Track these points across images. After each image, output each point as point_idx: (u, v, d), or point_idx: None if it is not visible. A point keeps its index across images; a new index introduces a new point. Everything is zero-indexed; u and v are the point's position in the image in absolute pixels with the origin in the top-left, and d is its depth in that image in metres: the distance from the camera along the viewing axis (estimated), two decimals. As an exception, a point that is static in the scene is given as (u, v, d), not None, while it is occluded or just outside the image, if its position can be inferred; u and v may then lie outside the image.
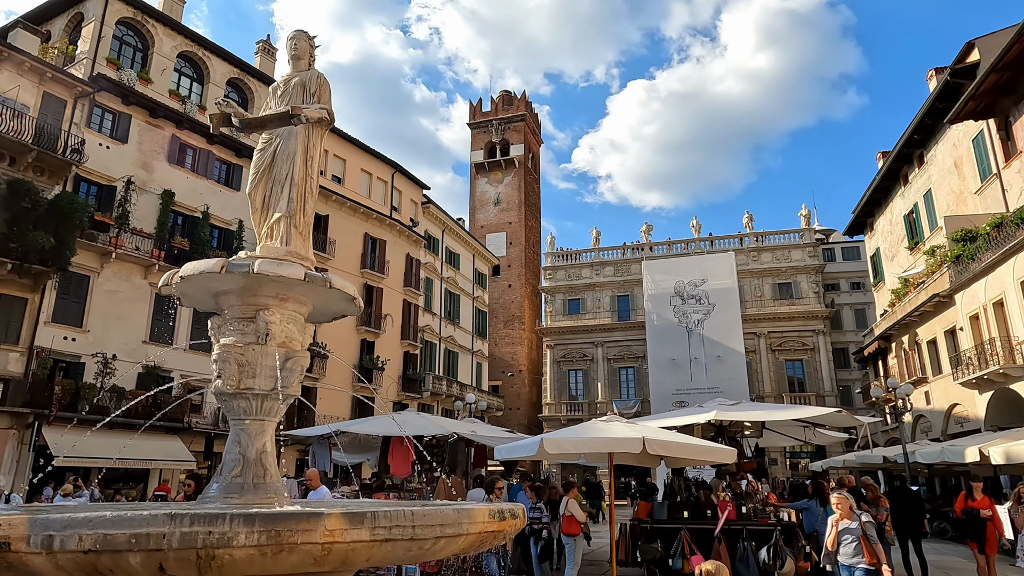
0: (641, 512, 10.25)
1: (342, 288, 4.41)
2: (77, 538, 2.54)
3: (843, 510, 6.43)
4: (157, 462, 22.59)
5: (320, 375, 29.87)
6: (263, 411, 4.32)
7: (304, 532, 2.75)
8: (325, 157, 33.00)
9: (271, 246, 4.62)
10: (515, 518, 3.76)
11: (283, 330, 4.36)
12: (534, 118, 64.48)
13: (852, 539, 6.31)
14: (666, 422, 10.80)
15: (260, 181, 4.77)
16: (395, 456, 11.45)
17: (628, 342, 46.85)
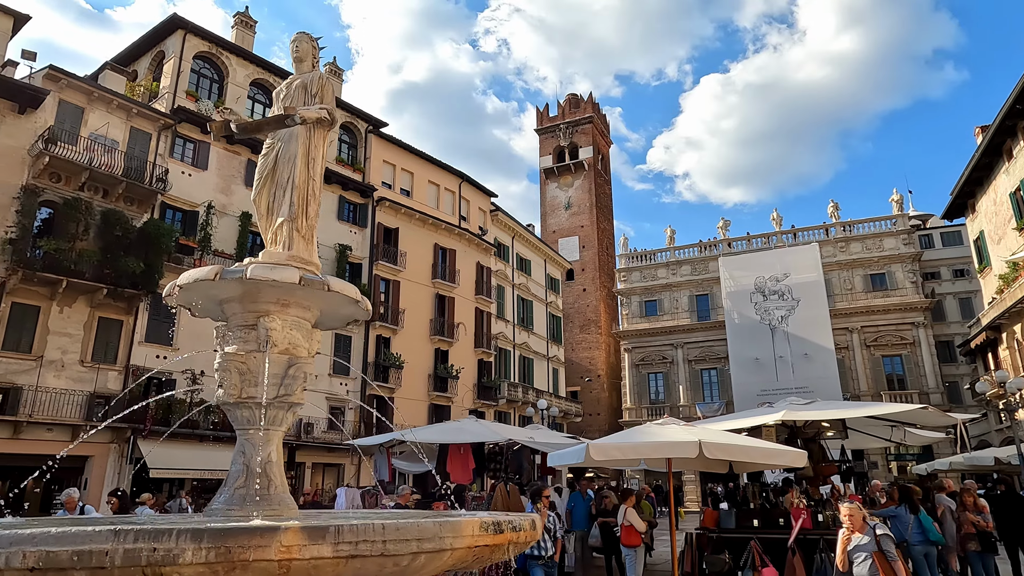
0: (708, 521, 9.62)
1: (341, 291, 4.25)
2: (21, 555, 2.44)
3: (854, 523, 5.61)
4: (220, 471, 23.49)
5: (397, 385, 30.37)
6: (267, 420, 4.21)
7: (257, 548, 2.56)
8: (393, 171, 33.73)
9: (273, 251, 4.53)
10: (518, 531, 3.46)
11: (286, 336, 4.25)
12: (602, 119, 63.69)
13: (865, 556, 5.48)
14: (732, 424, 10.12)
15: (264, 186, 4.71)
16: (454, 464, 11.32)
17: (709, 342, 45.23)
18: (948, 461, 22.96)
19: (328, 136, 4.88)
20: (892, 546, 5.45)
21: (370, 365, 29.66)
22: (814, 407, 9.87)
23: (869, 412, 9.93)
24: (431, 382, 32.43)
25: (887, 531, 5.55)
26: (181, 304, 4.49)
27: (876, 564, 5.30)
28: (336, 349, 28.78)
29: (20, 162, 21.09)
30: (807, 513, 8.55)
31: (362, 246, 30.99)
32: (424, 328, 32.86)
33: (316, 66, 5.05)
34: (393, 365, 30.21)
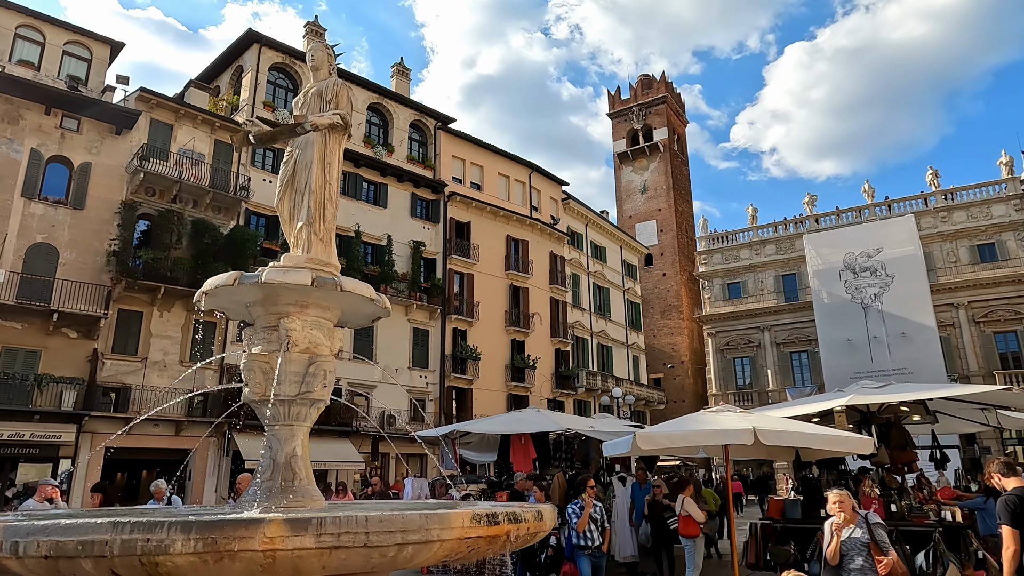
0: (773, 511, 9.23)
1: (354, 290, 4.39)
2: (36, 544, 2.71)
3: (845, 512, 5.00)
4: (330, 463, 24.63)
5: (474, 376, 30.88)
6: (291, 416, 4.42)
7: (242, 540, 2.72)
8: (463, 165, 34.15)
9: (293, 255, 4.74)
10: (518, 522, 3.48)
11: (306, 336, 4.44)
12: (676, 98, 61.92)
13: (860, 549, 4.91)
14: (796, 411, 9.65)
15: (285, 193, 4.92)
16: (516, 454, 11.42)
17: (798, 324, 43.24)
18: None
19: (343, 142, 5.03)
20: (886, 536, 5.01)
21: (447, 358, 30.29)
22: (887, 390, 9.22)
23: (941, 394, 9.18)
24: (508, 373, 32.76)
25: (880, 520, 5.10)
26: (213, 308, 4.76)
27: (871, 557, 4.86)
28: (414, 343, 29.58)
29: (119, 179, 22.87)
30: (879, 503, 8.06)
31: (435, 241, 31.62)
32: (499, 319, 33.19)
33: (332, 73, 5.21)
34: (470, 357, 30.72)
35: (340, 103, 4.96)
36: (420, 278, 30.34)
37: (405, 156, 31.73)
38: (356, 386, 27.27)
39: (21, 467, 20.28)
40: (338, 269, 4.89)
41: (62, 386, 20.04)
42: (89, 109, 22.46)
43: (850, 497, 5.09)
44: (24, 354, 20.11)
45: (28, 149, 21.30)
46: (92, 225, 21.98)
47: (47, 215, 21.31)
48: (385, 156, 30.60)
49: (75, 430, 20.14)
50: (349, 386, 27.00)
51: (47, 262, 20.93)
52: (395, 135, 31.72)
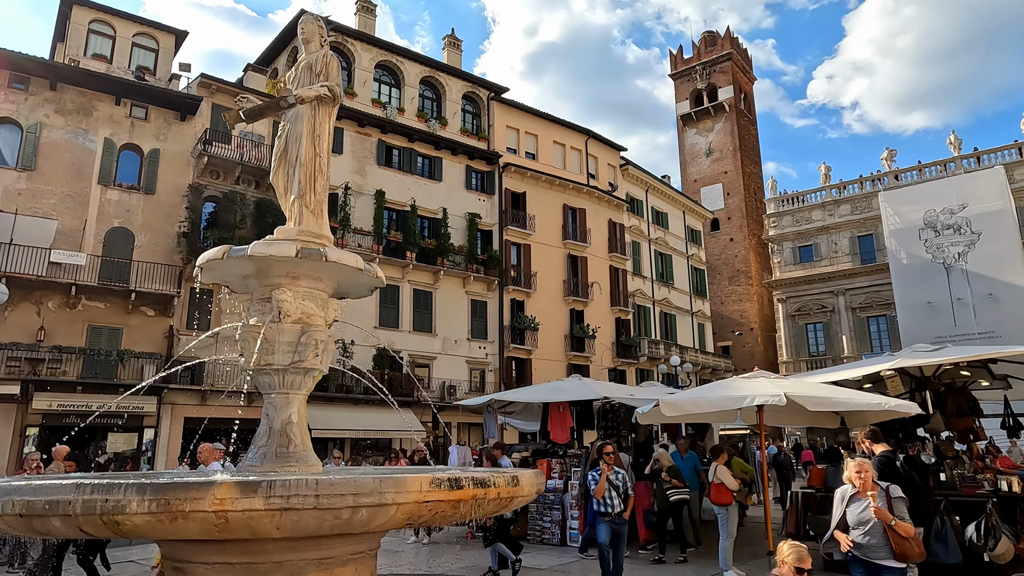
0: (814, 479, 8.86)
1: (339, 261, 4.45)
2: (11, 503, 2.90)
3: (864, 482, 4.59)
4: (393, 432, 25.42)
5: (533, 346, 31.01)
6: (285, 385, 4.55)
7: (193, 501, 2.83)
8: (517, 136, 33.89)
9: (285, 228, 4.83)
10: (486, 486, 3.48)
11: (298, 307, 4.53)
12: (743, 54, 59.14)
13: (873, 523, 4.53)
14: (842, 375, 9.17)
15: (279, 167, 5.00)
16: (554, 423, 11.43)
17: (876, 287, 41.18)
18: None
19: (333, 114, 5.05)
20: (904, 508, 4.63)
21: (505, 329, 30.51)
22: (941, 352, 8.60)
23: (997, 353, 8.46)
24: (568, 342, 32.72)
25: (901, 494, 4.71)
26: (214, 282, 4.93)
27: (887, 532, 4.50)
28: (472, 314, 29.92)
29: (185, 164, 23.95)
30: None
31: (491, 213, 31.68)
32: (557, 289, 33.09)
33: (324, 46, 5.22)
34: (528, 327, 30.84)
35: (330, 75, 4.97)
36: (476, 250, 30.53)
37: (458, 128, 31.77)
38: (417, 358, 27.92)
39: (111, 436, 21.97)
40: (331, 241, 4.95)
41: (142, 360, 21.43)
42: (155, 97, 23.52)
43: (871, 467, 4.79)
44: (108, 332, 21.58)
45: (102, 139, 22.56)
46: (163, 209, 23.16)
47: (122, 201, 22.59)
48: (439, 129, 30.73)
49: (156, 402, 21.53)
50: (410, 358, 27.69)
51: (124, 245, 22.26)
52: (448, 108, 31.76)
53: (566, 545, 10.25)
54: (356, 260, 4.58)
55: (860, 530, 4.65)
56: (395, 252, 27.85)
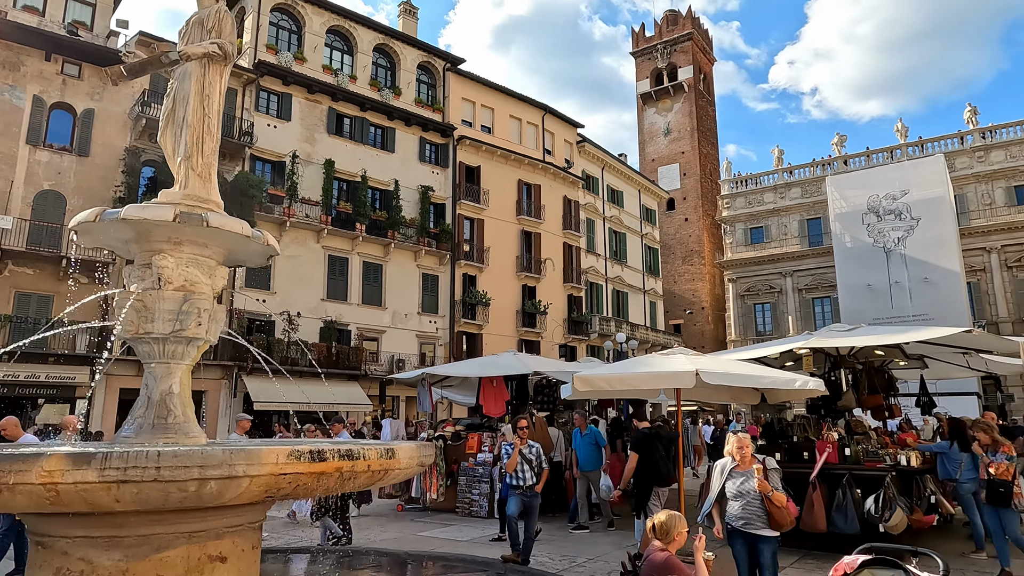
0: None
1: (221, 226, 4.28)
2: None
3: (744, 456, 4.74)
4: (339, 405, 25.20)
5: (484, 321, 31.00)
6: (166, 354, 4.39)
7: (18, 473, 2.70)
8: (473, 108, 33.46)
9: (170, 191, 4.63)
10: (354, 459, 3.42)
11: (181, 274, 4.36)
12: (704, 35, 59.36)
13: (751, 496, 4.67)
14: (756, 352, 9.41)
15: (167, 127, 4.79)
16: (487, 396, 11.46)
17: (821, 270, 42.30)
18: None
19: (225, 73, 4.83)
20: (779, 481, 4.79)
21: (457, 303, 30.41)
22: (854, 333, 8.88)
23: (908, 338, 8.80)
24: (519, 318, 32.82)
25: (775, 465, 4.88)
26: (95, 246, 4.71)
27: (764, 505, 4.66)
28: (423, 288, 29.72)
29: (122, 126, 22.98)
30: (834, 446, 7.87)
31: (444, 186, 31.34)
32: (510, 265, 33.07)
33: (219, 1, 4.97)
34: (479, 302, 30.80)
35: (222, 32, 4.74)
36: (429, 223, 30.23)
37: (413, 99, 31.19)
38: (366, 331, 27.66)
39: (45, 408, 21.25)
40: (220, 206, 4.78)
41: (74, 329, 20.68)
42: (89, 54, 22.42)
43: (750, 442, 4.90)
44: (37, 299, 20.75)
45: (30, 96, 21.45)
46: (98, 172, 22.23)
47: (53, 162, 21.59)
48: (392, 99, 30.11)
49: (88, 372, 20.87)
50: (359, 331, 27.41)
51: (55, 209, 21.34)
52: (402, 77, 31.12)
53: (494, 517, 10.35)
54: (242, 226, 4.42)
55: (739, 502, 4.78)
56: (345, 223, 27.37)
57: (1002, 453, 6.32)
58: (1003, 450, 6.34)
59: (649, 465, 7.30)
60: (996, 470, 6.25)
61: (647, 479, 7.30)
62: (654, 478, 7.29)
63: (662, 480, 7.36)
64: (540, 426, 10.48)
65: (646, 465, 7.32)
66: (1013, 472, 6.25)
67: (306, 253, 26.52)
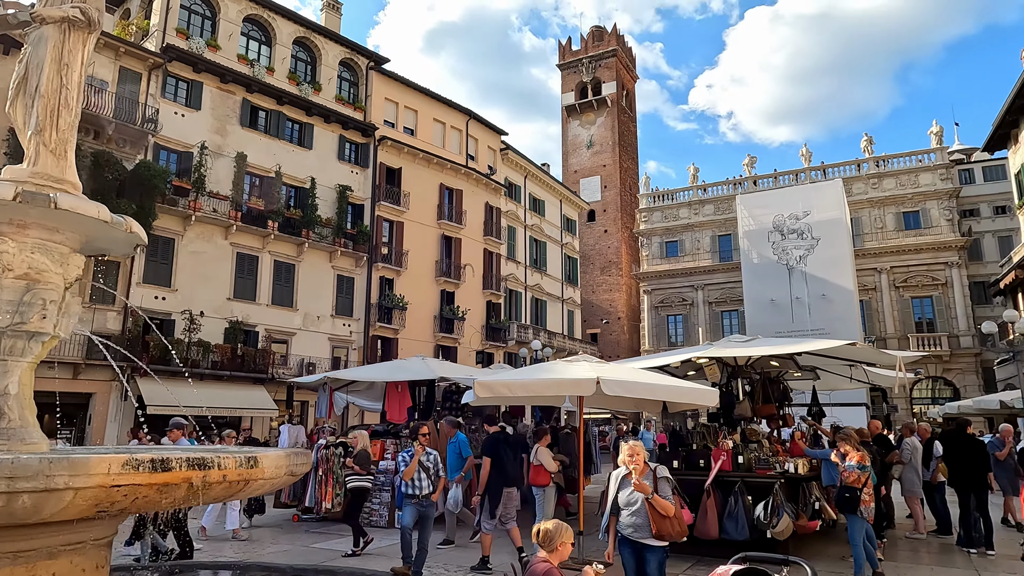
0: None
1: (72, 208, 3.85)
2: None
3: (637, 464, 4.70)
4: (243, 410, 24.06)
5: (400, 326, 30.45)
6: (3, 350, 3.91)
7: None
8: (396, 109, 32.95)
9: (15, 168, 4.15)
10: (207, 468, 3.11)
11: (24, 260, 3.89)
12: (627, 52, 61.03)
13: (641, 504, 4.65)
14: (659, 361, 9.61)
15: (17, 96, 4.29)
16: (390, 402, 11.13)
17: (730, 284, 44.07)
18: (957, 405, 21.99)
19: (89, 42, 4.39)
20: (668, 490, 4.83)
21: (373, 306, 29.73)
22: (752, 344, 9.23)
23: (790, 349, 9.26)
24: (437, 323, 32.45)
25: (667, 474, 4.92)
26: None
27: (648, 513, 4.69)
28: (338, 290, 28.88)
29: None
30: (728, 455, 8.09)
31: (364, 186, 30.64)
32: (429, 269, 32.67)
33: (89, -38, 4.51)
34: (396, 306, 30.24)
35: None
36: (346, 224, 29.44)
37: (333, 96, 30.36)
38: (275, 333, 26.58)
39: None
40: (76, 187, 4.31)
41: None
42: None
43: (643, 449, 4.87)
44: None
45: (-102, 65, 19.40)
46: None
47: (-78, 139, 19.59)
48: (311, 94, 29.20)
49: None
50: (267, 332, 26.30)
51: (-77, 190, 19.33)
52: (323, 73, 30.25)
53: (394, 527, 10.02)
54: (99, 210, 4.00)
55: (628, 511, 4.74)
56: (256, 220, 26.24)
57: (856, 462, 6.62)
58: (857, 459, 6.63)
59: (498, 468, 7.69)
60: (848, 478, 6.53)
61: (497, 481, 7.67)
62: (503, 480, 7.66)
63: (509, 482, 7.71)
64: (445, 433, 10.25)
65: (496, 468, 7.71)
66: (864, 480, 6.53)
67: (212, 250, 25.23)
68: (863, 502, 6.47)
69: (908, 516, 10.68)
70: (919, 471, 9.99)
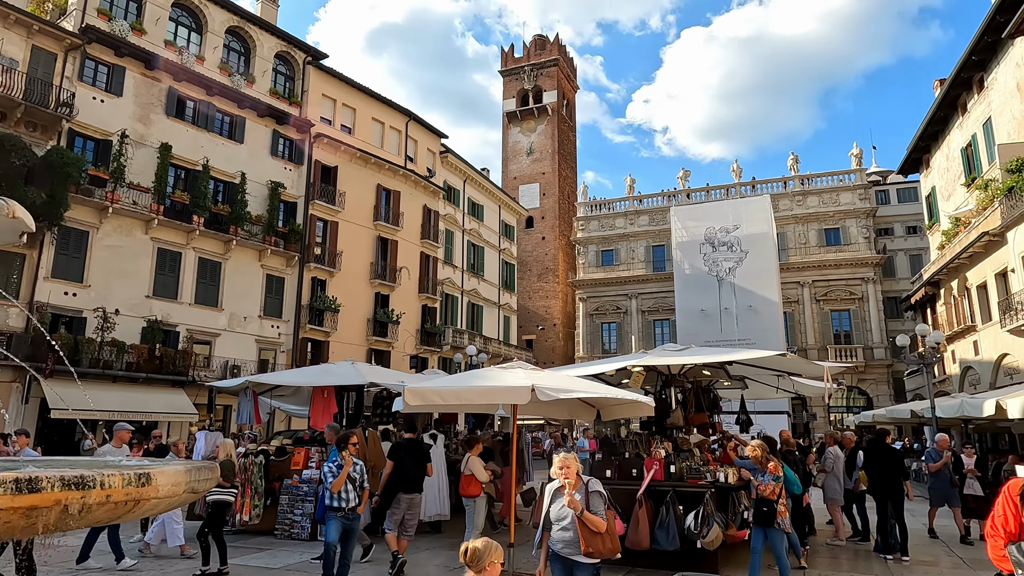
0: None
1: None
2: None
3: (569, 477, 4.49)
4: (160, 415, 22.78)
5: (332, 328, 29.60)
6: None
7: None
8: (333, 106, 32.16)
9: None
10: (83, 488, 2.75)
11: None
12: (569, 63, 61.72)
13: (570, 518, 4.44)
14: (594, 369, 9.59)
15: None
16: (315, 408, 10.67)
17: (663, 294, 45.04)
18: (871, 414, 23.07)
19: None
20: (602, 506, 4.73)
21: (303, 308, 28.79)
22: (685, 353, 9.33)
23: (725, 358, 9.44)
24: (370, 327, 31.73)
25: (600, 488, 4.82)
26: None
27: (578, 530, 4.47)
28: (267, 290, 27.83)
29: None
30: (660, 463, 8.10)
31: (297, 184, 29.69)
32: (364, 271, 31.94)
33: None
34: (328, 308, 29.38)
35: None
36: (278, 222, 28.43)
37: (268, 89, 29.32)
38: (197, 333, 25.34)
39: None
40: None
41: None
42: None
43: (576, 461, 4.70)
44: None
45: None
46: None
47: None
48: (244, 86, 28.09)
49: None
50: (189, 333, 25.05)
51: None
52: (257, 65, 29.18)
53: (316, 540, 9.56)
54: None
55: (559, 525, 4.57)
56: (180, 215, 24.99)
57: (769, 474, 6.70)
58: (771, 470, 6.71)
59: (399, 473, 7.96)
60: (763, 491, 6.60)
61: (394, 485, 7.97)
62: (400, 485, 7.93)
63: (408, 487, 7.95)
64: (373, 441, 9.88)
65: (397, 472, 7.98)
66: (778, 492, 6.61)
67: (131, 244, 23.84)
68: (779, 513, 6.52)
69: (828, 522, 10.99)
70: (841, 479, 10.30)
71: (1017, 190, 20.07)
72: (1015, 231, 20.83)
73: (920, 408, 18.36)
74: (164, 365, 23.53)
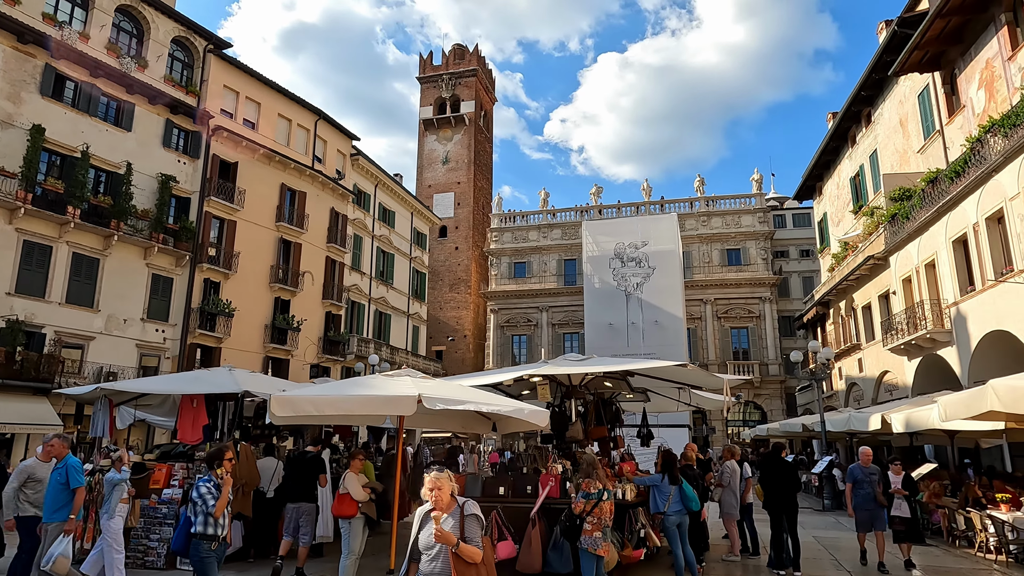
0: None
1: None
2: None
3: (441, 499, 3.89)
4: (18, 426, 20.38)
5: (225, 334, 27.70)
6: None
7: None
8: (236, 99, 30.39)
9: None
10: None
11: None
12: (487, 75, 61.76)
13: (440, 547, 3.82)
14: (491, 379, 9.11)
15: None
16: (183, 419, 9.56)
17: (574, 307, 45.41)
18: (766, 428, 23.82)
19: None
20: (478, 532, 4.21)
21: (194, 311, 26.79)
22: (586, 362, 9.01)
23: (625, 367, 9.22)
24: (268, 333, 29.99)
25: (477, 511, 4.26)
26: None
27: (449, 560, 3.78)
28: (152, 291, 25.70)
29: None
30: (556, 479, 7.68)
31: (192, 178, 27.72)
32: (263, 274, 30.21)
33: None
34: (222, 312, 27.49)
35: None
36: (167, 218, 26.37)
37: (163, 76, 27.27)
38: (68, 336, 22.97)
39: None
40: None
41: None
42: None
43: (449, 480, 4.09)
44: None
45: None
46: None
47: None
48: (135, 70, 25.97)
49: None
50: (57, 335, 22.66)
51: None
52: (152, 49, 27.10)
53: (175, 568, 8.48)
54: None
55: (427, 555, 3.96)
56: (52, 205, 22.64)
57: (581, 490, 6.53)
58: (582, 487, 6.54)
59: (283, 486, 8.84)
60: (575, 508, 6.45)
61: (281, 497, 8.85)
62: (287, 496, 8.67)
63: (293, 498, 8.50)
64: (245, 456, 8.91)
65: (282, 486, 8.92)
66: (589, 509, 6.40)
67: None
68: (584, 532, 6.28)
69: (724, 537, 10.93)
70: (737, 494, 10.25)
71: (900, 217, 21.34)
72: (897, 255, 22.15)
73: (811, 422, 19.04)
74: (25, 370, 21.13)
